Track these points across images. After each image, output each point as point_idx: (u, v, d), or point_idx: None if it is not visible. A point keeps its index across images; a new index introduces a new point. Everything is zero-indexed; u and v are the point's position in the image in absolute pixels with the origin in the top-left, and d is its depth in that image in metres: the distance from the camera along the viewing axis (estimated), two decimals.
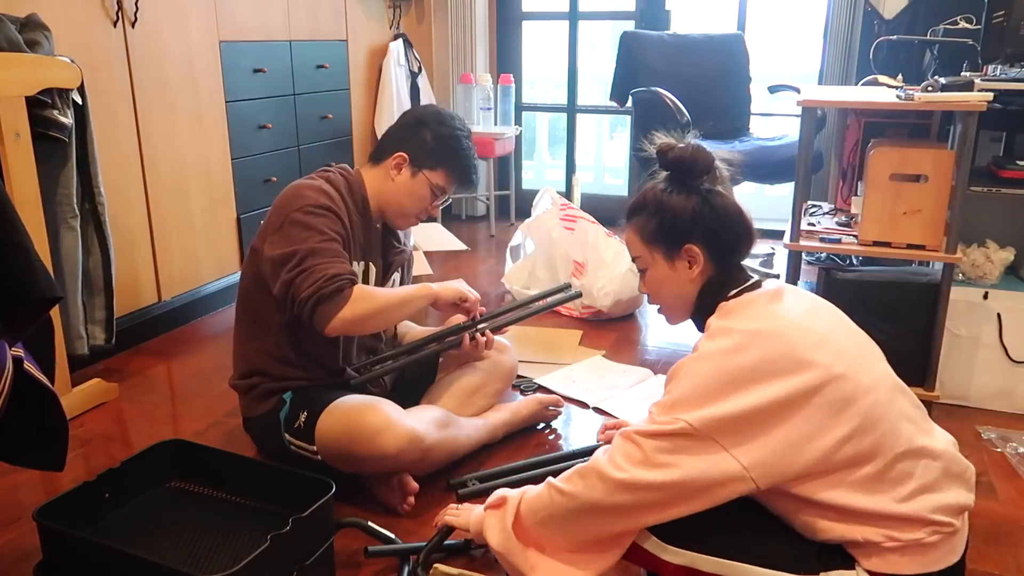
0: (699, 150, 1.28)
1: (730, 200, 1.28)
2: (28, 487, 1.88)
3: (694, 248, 1.27)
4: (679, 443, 1.12)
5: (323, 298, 1.66)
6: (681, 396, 1.15)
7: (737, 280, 1.28)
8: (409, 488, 1.72)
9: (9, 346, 1.31)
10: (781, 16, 4.74)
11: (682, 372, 1.19)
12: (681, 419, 1.12)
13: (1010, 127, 2.49)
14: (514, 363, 2.15)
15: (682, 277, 1.30)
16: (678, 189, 1.28)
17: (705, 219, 1.27)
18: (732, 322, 1.21)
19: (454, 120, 1.92)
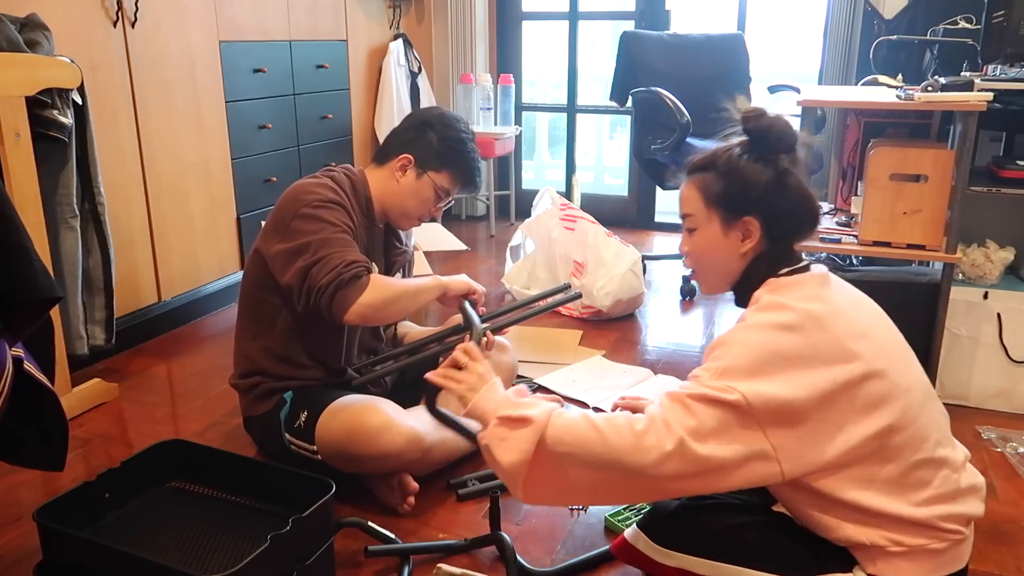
0: (788, 124, 1.21)
1: (803, 184, 1.21)
2: (28, 487, 1.88)
3: (753, 222, 1.20)
4: (729, 416, 1.06)
5: (342, 284, 1.66)
6: (733, 364, 1.09)
7: (789, 260, 1.22)
8: (409, 488, 1.72)
9: (9, 346, 1.31)
10: (781, 16, 4.74)
11: (732, 340, 1.12)
12: (736, 389, 1.06)
13: (1010, 127, 2.49)
14: (514, 363, 2.15)
15: (732, 248, 1.23)
16: (755, 158, 1.21)
17: (774, 196, 1.19)
18: (784, 298, 1.15)
19: (459, 123, 1.93)
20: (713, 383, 1.08)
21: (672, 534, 1.18)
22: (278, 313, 1.82)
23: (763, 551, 1.15)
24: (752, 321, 1.14)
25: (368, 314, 1.71)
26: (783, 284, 1.19)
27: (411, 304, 1.82)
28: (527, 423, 1.13)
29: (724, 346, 1.12)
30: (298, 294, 1.72)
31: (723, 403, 1.06)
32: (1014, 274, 2.33)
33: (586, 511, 1.77)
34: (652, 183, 3.80)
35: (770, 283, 1.20)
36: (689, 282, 3.22)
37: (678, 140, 2.93)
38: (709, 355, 1.14)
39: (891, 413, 1.10)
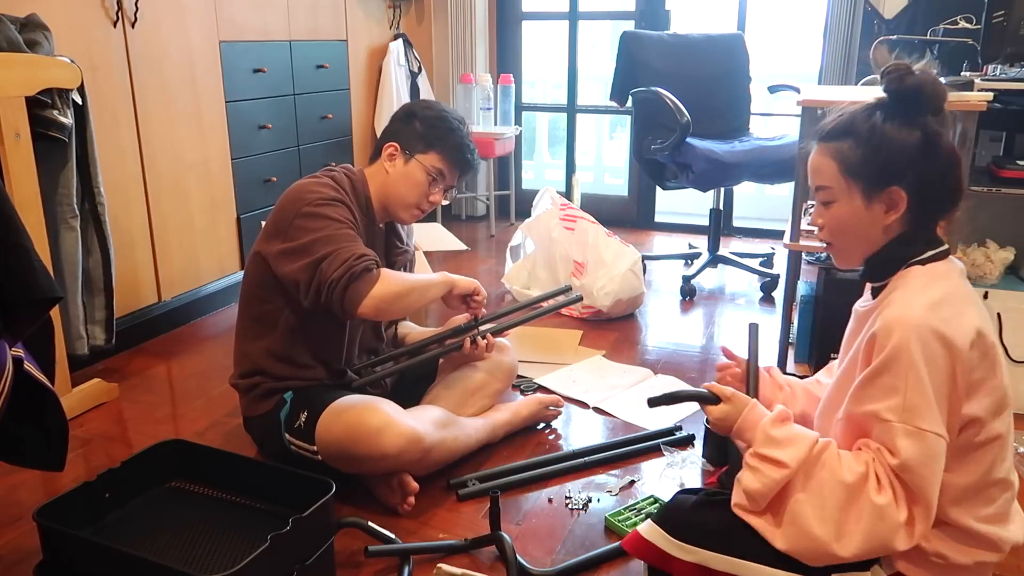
0: (936, 81, 1.10)
1: (955, 149, 1.11)
2: (28, 487, 1.88)
3: (899, 192, 1.11)
4: (934, 469, 1.04)
5: (354, 277, 1.67)
6: (915, 399, 1.03)
7: (933, 243, 1.14)
8: (409, 488, 1.72)
9: (9, 346, 1.31)
10: (781, 16, 4.74)
11: (897, 353, 1.04)
12: (928, 431, 1.03)
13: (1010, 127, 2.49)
14: (514, 363, 2.15)
15: (876, 221, 1.14)
16: (901, 122, 1.10)
17: (923, 163, 1.09)
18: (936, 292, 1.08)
19: (442, 105, 1.96)
20: (908, 430, 1.04)
21: (690, 529, 1.16)
22: (279, 314, 1.82)
23: None
24: (915, 325, 1.05)
25: (381, 307, 1.71)
26: (934, 276, 1.12)
27: (421, 298, 1.83)
28: (782, 466, 1.11)
29: (895, 367, 1.05)
30: (306, 290, 1.71)
31: (935, 456, 1.04)
32: (1014, 274, 2.33)
33: (586, 511, 1.77)
34: (652, 183, 3.79)
35: (919, 272, 1.13)
36: (689, 282, 3.22)
37: (678, 140, 2.93)
38: (881, 371, 1.06)
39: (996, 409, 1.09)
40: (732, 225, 4.18)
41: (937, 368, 1.04)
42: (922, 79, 1.10)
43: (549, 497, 1.83)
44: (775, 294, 3.23)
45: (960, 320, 1.06)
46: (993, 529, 1.12)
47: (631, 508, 1.75)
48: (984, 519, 1.12)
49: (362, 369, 1.93)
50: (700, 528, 1.16)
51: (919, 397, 1.03)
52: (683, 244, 3.96)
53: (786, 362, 2.41)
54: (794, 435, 1.13)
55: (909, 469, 1.03)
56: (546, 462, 1.94)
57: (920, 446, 1.03)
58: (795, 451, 1.11)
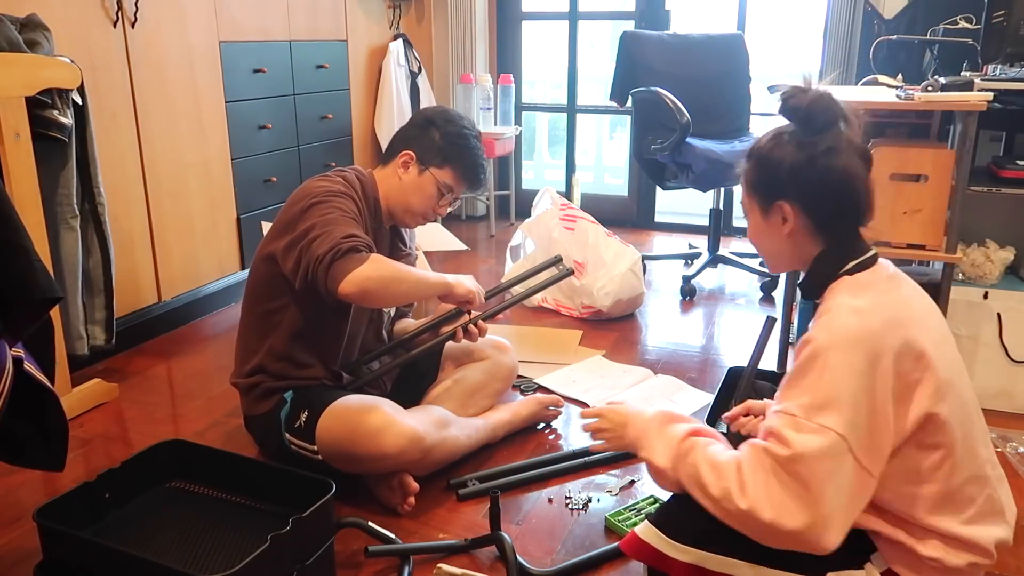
0: (820, 100, 1.15)
1: (843, 165, 1.15)
2: (28, 487, 1.88)
3: (786, 206, 1.18)
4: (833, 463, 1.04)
5: (340, 254, 1.64)
6: (821, 395, 1.06)
7: (856, 252, 1.18)
8: (409, 488, 1.72)
9: (9, 346, 1.31)
10: (781, 16, 4.74)
11: (812, 358, 1.08)
12: (829, 428, 1.04)
13: (1010, 127, 2.49)
14: (514, 363, 2.15)
15: (775, 232, 1.21)
16: (787, 141, 1.18)
17: (804, 179, 1.15)
18: (859, 301, 1.12)
19: (463, 120, 1.94)
20: (809, 425, 1.06)
21: (685, 529, 1.17)
22: (283, 313, 1.82)
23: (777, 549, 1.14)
24: (831, 335, 1.09)
25: (367, 288, 1.65)
26: (856, 285, 1.15)
27: (412, 291, 1.80)
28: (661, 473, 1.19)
29: (812, 369, 1.08)
30: (295, 269, 1.71)
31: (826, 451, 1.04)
32: (1014, 274, 2.33)
33: (586, 511, 1.77)
34: (652, 183, 3.79)
35: (845, 283, 1.16)
36: (689, 282, 3.22)
37: (678, 140, 2.93)
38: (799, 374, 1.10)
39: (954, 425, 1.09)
40: (732, 225, 4.18)
41: (853, 373, 1.05)
42: (810, 98, 1.16)
43: (549, 497, 1.83)
44: (775, 294, 3.23)
45: (882, 328, 1.08)
46: (981, 530, 1.12)
47: (631, 508, 1.75)
48: (970, 520, 1.12)
49: (355, 367, 1.92)
50: (695, 528, 1.16)
51: (828, 399, 1.05)
52: (683, 244, 3.97)
53: (785, 362, 2.41)
54: (666, 433, 1.21)
55: (801, 460, 1.04)
56: (546, 462, 1.94)
57: (817, 440, 1.04)
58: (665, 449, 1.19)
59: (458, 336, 1.89)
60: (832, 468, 1.04)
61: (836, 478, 1.04)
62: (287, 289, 1.79)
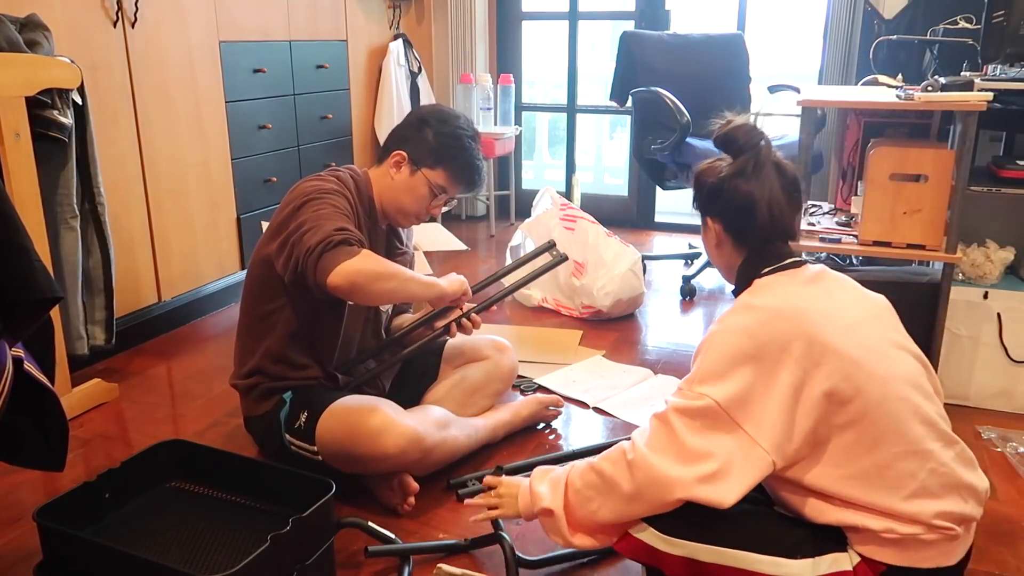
0: (738, 130, 1.30)
1: (748, 188, 1.27)
2: (28, 487, 1.88)
3: (712, 221, 1.33)
4: (706, 420, 1.17)
5: (331, 245, 1.62)
6: (702, 370, 1.20)
7: (771, 259, 1.28)
8: (409, 488, 1.72)
9: (9, 346, 1.31)
10: (781, 16, 4.74)
11: (704, 345, 1.23)
12: (706, 395, 1.17)
13: (1010, 127, 2.49)
14: (514, 363, 2.15)
15: (711, 244, 1.36)
16: (717, 165, 1.32)
17: (719, 199, 1.30)
18: (756, 298, 1.24)
19: (458, 119, 1.91)
20: (688, 393, 1.20)
21: (677, 524, 1.20)
22: (278, 315, 1.81)
23: (765, 535, 1.19)
24: (723, 323, 1.24)
25: (357, 281, 1.61)
26: (760, 285, 1.27)
27: (402, 290, 1.74)
28: (549, 514, 1.31)
29: (701, 353, 1.23)
30: (286, 264, 1.70)
31: (697, 412, 1.17)
32: (1014, 274, 2.33)
33: None
34: (652, 183, 3.79)
35: (753, 284, 1.28)
36: (689, 282, 3.22)
37: (678, 140, 2.93)
38: (693, 360, 1.25)
39: (866, 403, 1.14)
40: None
41: (733, 354, 1.17)
42: (731, 127, 1.31)
43: None
44: None
45: (770, 317, 1.19)
46: (927, 505, 1.13)
47: None
48: (911, 496, 1.13)
49: (350, 367, 1.92)
50: (685, 521, 1.20)
51: (706, 374, 1.19)
52: (683, 244, 3.97)
53: None
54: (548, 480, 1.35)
55: (673, 415, 1.19)
56: (546, 462, 1.93)
57: (690, 402, 1.18)
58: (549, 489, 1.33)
59: (452, 330, 1.86)
60: (705, 426, 1.17)
61: (712, 438, 1.16)
62: (283, 291, 1.79)
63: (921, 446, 1.15)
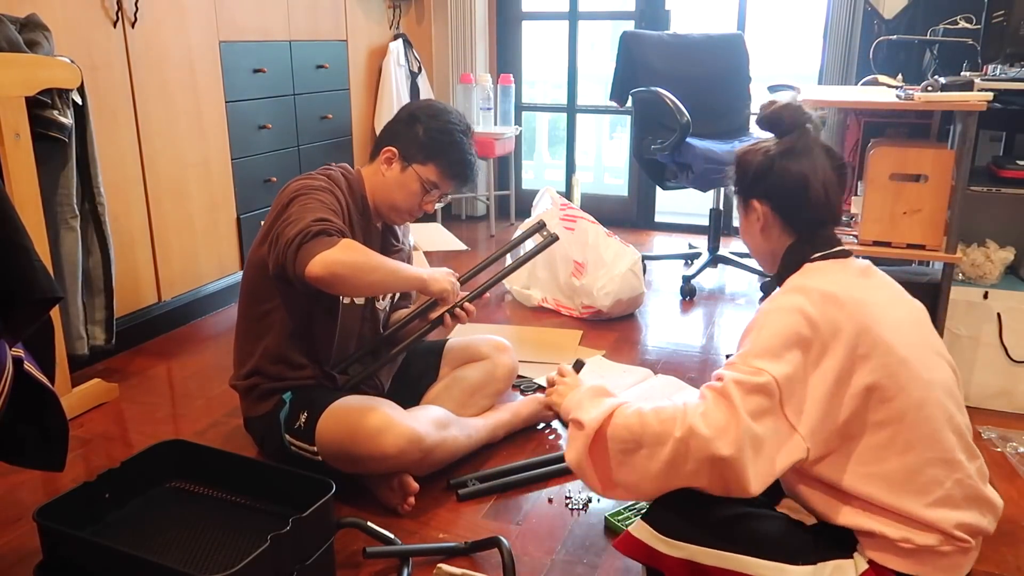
0: (784, 109, 1.27)
1: (799, 167, 1.24)
2: (28, 487, 1.88)
3: (756, 204, 1.29)
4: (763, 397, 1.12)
5: (309, 236, 1.61)
6: (760, 346, 1.16)
7: (822, 246, 1.26)
8: (409, 488, 1.72)
9: (9, 346, 1.31)
10: (781, 16, 4.74)
11: (757, 322, 1.20)
12: (765, 371, 1.13)
13: (1010, 127, 2.49)
14: (514, 363, 2.15)
15: (754, 230, 1.32)
16: (761, 146, 1.29)
17: (767, 179, 1.27)
18: (809, 280, 1.22)
19: (449, 114, 1.88)
20: (744, 367, 1.15)
21: (678, 525, 1.19)
22: (274, 315, 1.81)
23: (767, 540, 1.17)
24: (776, 303, 1.21)
25: (337, 271, 1.59)
26: (812, 269, 1.25)
27: (385, 281, 1.73)
28: (580, 426, 1.24)
29: (753, 330, 1.20)
30: (269, 258, 1.70)
31: (757, 387, 1.12)
32: (1014, 274, 2.33)
33: (586, 511, 1.77)
34: (652, 183, 3.79)
35: (803, 268, 1.26)
36: (689, 282, 3.22)
37: (678, 140, 2.93)
38: (743, 339, 1.21)
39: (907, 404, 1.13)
40: (732, 225, 4.17)
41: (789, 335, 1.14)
42: (777, 107, 1.27)
43: (549, 497, 1.83)
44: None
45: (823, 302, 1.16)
46: (946, 514, 1.12)
47: (631, 508, 1.75)
48: (934, 504, 1.12)
49: (346, 365, 1.91)
50: (686, 523, 1.19)
51: (764, 349, 1.15)
52: (683, 244, 3.97)
53: None
54: (597, 401, 1.26)
55: (732, 387, 1.13)
56: (546, 462, 1.94)
57: (749, 376, 1.13)
58: (593, 413, 1.23)
59: (447, 321, 1.84)
60: (760, 405, 1.12)
61: (763, 419, 1.11)
62: (276, 291, 1.79)
63: (951, 455, 1.14)
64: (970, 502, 1.15)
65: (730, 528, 1.17)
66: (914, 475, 1.13)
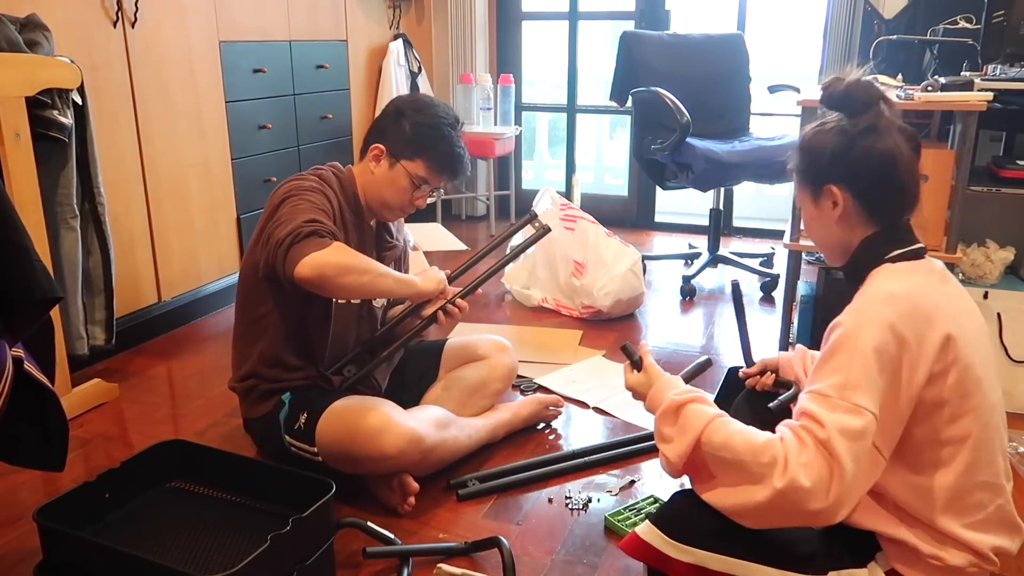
0: (857, 83, 1.18)
1: (883, 145, 1.16)
2: (28, 487, 1.88)
3: (834, 189, 1.19)
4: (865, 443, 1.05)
5: (299, 237, 1.60)
6: (854, 375, 1.06)
7: (903, 241, 1.18)
8: (409, 488, 1.72)
9: (9, 346, 1.31)
10: (781, 16, 4.74)
11: (845, 340, 1.09)
12: (865, 408, 1.05)
13: (1010, 127, 2.49)
14: (514, 363, 2.15)
15: (827, 218, 1.22)
16: (829, 127, 1.20)
17: (847, 161, 1.17)
18: (896, 286, 1.12)
19: (436, 108, 1.86)
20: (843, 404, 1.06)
21: (687, 529, 1.17)
22: (269, 318, 1.81)
23: (778, 547, 1.15)
24: (862, 316, 1.11)
25: (325, 273, 1.58)
26: (894, 271, 1.16)
27: (375, 285, 1.70)
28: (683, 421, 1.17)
29: (842, 350, 1.09)
30: (260, 257, 1.69)
31: (860, 432, 1.05)
32: (1014, 274, 2.33)
33: (586, 511, 1.77)
34: (652, 183, 3.79)
35: (887, 269, 1.17)
36: (689, 282, 3.22)
37: (678, 140, 2.93)
38: (829, 356, 1.10)
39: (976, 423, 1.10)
40: (732, 225, 4.18)
41: (882, 356, 1.06)
42: (847, 84, 1.19)
43: (549, 497, 1.83)
44: (775, 294, 3.23)
45: (912, 315, 1.09)
46: (981, 536, 1.12)
47: (631, 508, 1.75)
48: (972, 526, 1.12)
49: (341, 365, 1.90)
50: (697, 528, 1.16)
51: (860, 378, 1.06)
52: (683, 244, 3.96)
53: None
54: (692, 412, 1.17)
55: (835, 438, 1.04)
56: (546, 462, 1.94)
57: (851, 419, 1.05)
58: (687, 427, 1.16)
59: (439, 318, 1.83)
60: (863, 449, 1.04)
61: (862, 461, 1.04)
62: (270, 294, 1.79)
63: (998, 480, 1.13)
64: (1004, 526, 1.14)
65: (742, 535, 1.14)
66: (963, 495, 1.11)
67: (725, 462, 1.11)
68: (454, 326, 2.82)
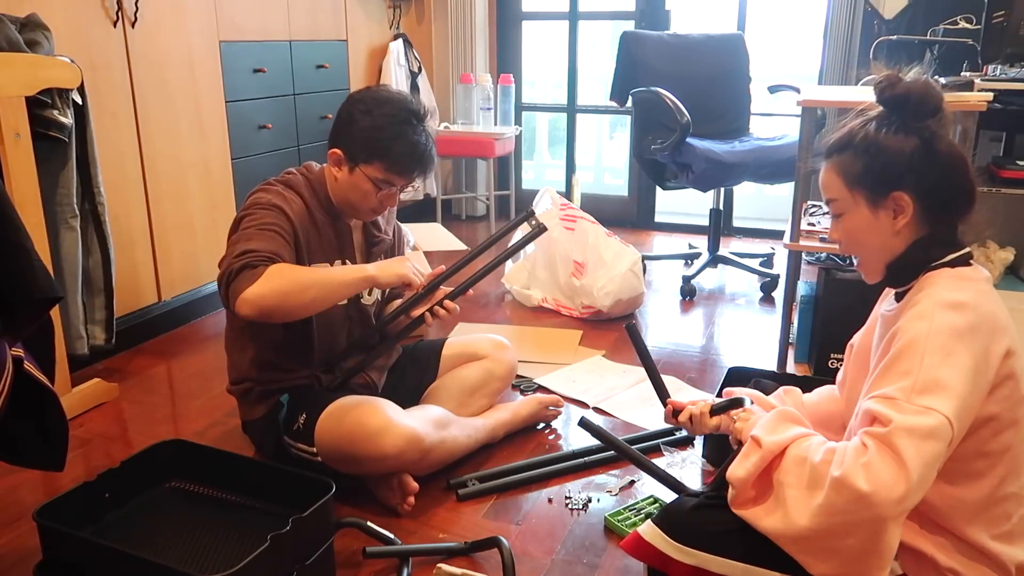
0: (931, 86, 1.13)
1: (956, 149, 1.12)
2: (28, 487, 1.88)
3: (904, 197, 1.12)
4: (935, 445, 0.99)
5: (232, 275, 1.56)
6: (924, 377, 1.02)
7: (956, 244, 1.14)
8: (409, 488, 1.71)
9: (9, 346, 1.31)
10: (781, 16, 4.74)
11: (913, 346, 1.05)
12: (936, 411, 1.00)
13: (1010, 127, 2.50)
14: (513, 363, 2.15)
15: (885, 228, 1.15)
16: (896, 128, 1.13)
17: (922, 166, 1.11)
18: (959, 295, 1.08)
19: (384, 105, 1.75)
20: (911, 407, 1.02)
21: (689, 531, 1.16)
22: (253, 327, 1.79)
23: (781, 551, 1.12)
24: (929, 322, 1.06)
25: (264, 305, 1.54)
26: (951, 276, 1.12)
27: (325, 295, 1.64)
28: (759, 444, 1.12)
29: (907, 355, 1.05)
30: None
31: (929, 431, 1.00)
32: (1014, 274, 2.33)
33: (586, 511, 1.77)
34: (652, 183, 3.79)
35: (945, 274, 1.12)
36: (689, 282, 3.22)
37: (678, 140, 2.93)
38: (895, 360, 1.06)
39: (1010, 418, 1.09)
40: (732, 225, 4.17)
41: (956, 364, 1.03)
42: (911, 85, 1.13)
43: (549, 497, 1.83)
44: (775, 294, 3.23)
45: (980, 325, 1.06)
46: (1006, 549, 1.11)
47: (631, 508, 1.75)
48: (999, 537, 1.11)
49: (332, 365, 1.89)
50: (699, 530, 1.16)
51: (930, 382, 1.01)
52: (683, 244, 3.96)
53: (786, 362, 2.41)
54: (785, 425, 1.13)
55: (902, 437, 0.99)
56: (546, 462, 1.94)
57: (922, 420, 1.00)
58: (776, 436, 1.11)
59: (427, 319, 1.78)
60: (936, 451, 0.99)
61: (930, 459, 0.98)
62: None
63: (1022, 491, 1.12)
64: None
65: (745, 538, 1.13)
66: (992, 505, 1.10)
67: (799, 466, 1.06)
68: (454, 326, 2.82)
